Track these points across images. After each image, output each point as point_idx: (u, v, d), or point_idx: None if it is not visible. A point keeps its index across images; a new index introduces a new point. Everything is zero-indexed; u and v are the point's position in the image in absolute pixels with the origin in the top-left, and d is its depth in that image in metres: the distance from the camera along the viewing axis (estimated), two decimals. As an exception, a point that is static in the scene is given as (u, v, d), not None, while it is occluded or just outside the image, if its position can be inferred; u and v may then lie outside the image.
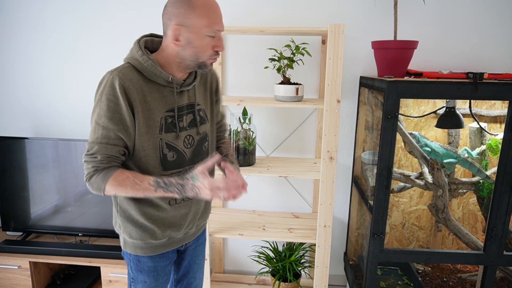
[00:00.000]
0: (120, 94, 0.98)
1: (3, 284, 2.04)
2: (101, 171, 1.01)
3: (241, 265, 2.35)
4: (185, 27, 1.00)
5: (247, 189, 2.20)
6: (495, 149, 1.81)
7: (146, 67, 1.03)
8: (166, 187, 1.01)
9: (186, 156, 1.14)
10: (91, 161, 1.01)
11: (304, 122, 2.10)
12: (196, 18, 0.99)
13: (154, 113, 1.05)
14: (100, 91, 1.00)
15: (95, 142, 1.01)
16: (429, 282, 2.01)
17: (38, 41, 2.10)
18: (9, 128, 2.26)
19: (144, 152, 1.06)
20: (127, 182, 1.00)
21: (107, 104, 0.99)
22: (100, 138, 1.00)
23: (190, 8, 0.98)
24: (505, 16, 1.85)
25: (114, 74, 0.99)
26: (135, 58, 1.04)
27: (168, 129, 1.08)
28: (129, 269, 1.23)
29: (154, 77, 1.04)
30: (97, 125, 1.01)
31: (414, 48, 1.66)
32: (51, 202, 2.09)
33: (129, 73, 1.01)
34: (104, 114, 0.99)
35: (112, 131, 1.00)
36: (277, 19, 1.97)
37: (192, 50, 1.03)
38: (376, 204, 1.56)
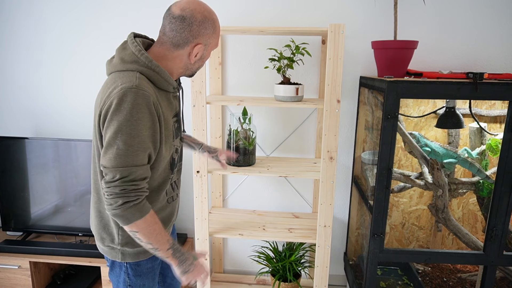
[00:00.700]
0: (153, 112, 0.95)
1: (3, 284, 2.04)
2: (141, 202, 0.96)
3: (241, 265, 2.35)
4: (205, 46, 1.05)
5: (247, 188, 2.21)
6: (495, 149, 1.81)
7: (161, 77, 1.01)
8: (175, 252, 1.04)
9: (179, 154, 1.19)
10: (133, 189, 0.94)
11: (304, 122, 2.10)
12: (214, 39, 1.07)
13: (168, 122, 1.05)
14: (128, 109, 0.91)
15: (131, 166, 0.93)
16: (429, 282, 2.01)
17: (38, 41, 2.10)
18: (9, 128, 2.27)
19: (162, 162, 1.06)
20: (156, 227, 1.00)
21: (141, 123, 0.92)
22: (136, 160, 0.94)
23: (214, 31, 1.05)
24: (505, 16, 1.85)
25: (142, 90, 0.93)
26: (148, 67, 0.99)
27: (176, 135, 1.12)
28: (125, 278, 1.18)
29: (166, 85, 1.04)
30: (129, 147, 0.92)
31: (414, 48, 1.66)
32: (51, 202, 2.09)
33: (148, 85, 0.97)
34: (138, 134, 0.92)
35: (146, 150, 0.96)
36: (277, 19, 1.97)
37: (200, 63, 1.10)
38: (376, 204, 1.56)
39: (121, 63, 0.99)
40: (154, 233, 0.99)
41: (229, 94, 2.11)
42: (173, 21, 1.00)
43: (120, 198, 0.92)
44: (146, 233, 0.98)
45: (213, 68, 2.03)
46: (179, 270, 1.06)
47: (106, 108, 0.93)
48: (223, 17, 1.98)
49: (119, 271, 1.18)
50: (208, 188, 2.20)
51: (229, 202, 2.27)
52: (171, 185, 1.18)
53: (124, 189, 0.93)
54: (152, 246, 1.01)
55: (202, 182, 1.80)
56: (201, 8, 1.01)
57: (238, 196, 2.25)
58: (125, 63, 0.99)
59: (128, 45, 1.01)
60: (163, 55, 1.04)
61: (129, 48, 1.01)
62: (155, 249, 1.02)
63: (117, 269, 1.18)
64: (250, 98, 1.91)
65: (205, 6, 1.03)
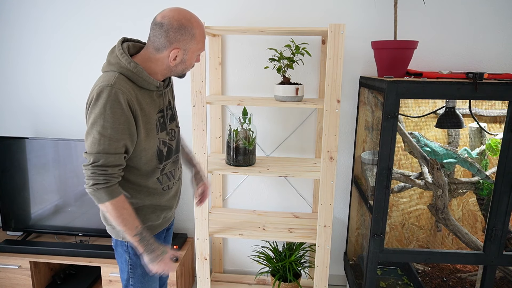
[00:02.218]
0: (125, 107, 1.07)
1: (3, 284, 2.04)
2: (111, 186, 1.09)
3: (241, 265, 2.36)
4: (183, 50, 1.14)
5: (247, 188, 2.21)
6: (494, 149, 1.81)
7: (140, 77, 1.12)
8: (143, 239, 1.15)
9: (172, 148, 1.28)
10: (101, 173, 1.07)
11: (304, 122, 2.10)
12: (194, 45, 1.15)
13: (150, 117, 1.16)
14: (102, 104, 1.05)
15: (101, 153, 1.06)
16: (429, 282, 2.01)
17: (39, 41, 2.10)
18: (9, 128, 2.27)
19: (144, 152, 1.18)
20: (124, 212, 1.12)
21: (112, 117, 1.05)
22: (107, 148, 1.06)
23: (192, 37, 1.13)
24: (504, 16, 1.85)
25: (116, 88, 1.05)
26: (127, 68, 1.10)
27: (162, 129, 1.22)
28: (126, 257, 1.29)
29: (146, 84, 1.14)
30: (102, 136, 1.05)
31: (414, 48, 1.66)
32: (51, 202, 2.09)
33: (126, 84, 1.09)
34: (110, 126, 1.05)
35: (119, 141, 1.08)
36: (277, 19, 1.97)
37: (183, 66, 1.19)
38: (376, 204, 1.56)
39: (107, 65, 1.13)
40: (121, 217, 1.11)
41: (229, 94, 2.11)
42: (154, 28, 1.12)
43: (91, 179, 1.07)
44: (113, 215, 1.10)
45: (213, 68, 2.03)
46: (146, 258, 1.17)
47: (88, 103, 1.09)
48: (223, 17, 1.99)
49: (121, 251, 1.28)
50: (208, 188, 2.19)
51: (229, 202, 2.27)
52: (166, 175, 1.27)
53: (94, 172, 1.06)
54: (120, 228, 1.13)
55: (202, 182, 1.80)
56: (180, 16, 1.10)
57: (238, 196, 2.25)
58: (109, 64, 1.13)
59: (115, 49, 1.14)
60: (147, 57, 1.15)
61: (115, 52, 1.13)
62: (122, 231, 1.14)
63: (119, 249, 1.28)
64: (250, 98, 1.91)
65: (185, 14, 1.12)
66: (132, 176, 1.20)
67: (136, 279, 1.31)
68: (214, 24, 1.99)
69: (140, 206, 1.24)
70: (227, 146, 1.88)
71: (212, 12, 1.99)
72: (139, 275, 1.30)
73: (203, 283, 1.97)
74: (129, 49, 1.18)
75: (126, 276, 1.31)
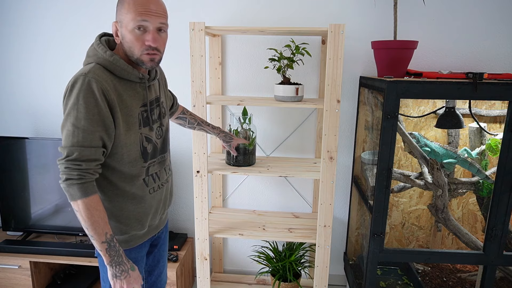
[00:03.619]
0: (99, 96, 0.99)
1: (3, 284, 2.04)
2: (84, 183, 1.00)
3: (241, 265, 2.36)
4: (119, 22, 1.04)
5: (247, 188, 2.21)
6: (494, 149, 1.81)
7: (118, 66, 1.04)
8: (110, 248, 1.04)
9: (158, 146, 1.20)
10: (75, 168, 0.99)
11: (304, 122, 2.10)
12: (125, 14, 1.02)
13: (131, 110, 1.08)
14: (75, 94, 0.98)
15: (75, 146, 0.99)
16: (429, 282, 2.01)
17: (39, 41, 2.10)
18: (9, 128, 2.27)
19: (126, 148, 1.09)
20: (95, 214, 1.01)
21: (85, 107, 0.98)
22: (81, 141, 0.99)
23: (122, 4, 1.02)
24: (504, 16, 1.85)
25: (90, 77, 0.98)
26: (104, 58, 1.04)
27: (145, 123, 1.13)
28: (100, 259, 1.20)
29: (126, 75, 1.07)
30: (75, 128, 0.98)
31: (414, 48, 1.66)
32: (51, 202, 2.09)
33: (102, 74, 1.02)
34: (83, 117, 0.98)
35: (94, 133, 1.00)
36: (277, 19, 1.97)
37: (126, 45, 1.05)
38: (376, 204, 1.56)
39: (86, 58, 1.08)
40: (91, 219, 1.00)
41: (229, 94, 2.11)
42: None
43: (64, 174, 0.99)
44: (84, 216, 1.00)
45: (213, 68, 2.03)
46: (110, 271, 1.06)
47: (63, 95, 1.03)
48: (223, 17, 1.99)
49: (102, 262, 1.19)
50: (208, 188, 2.20)
51: (229, 202, 2.27)
52: (151, 176, 1.18)
53: (68, 167, 0.99)
54: (89, 232, 1.02)
55: (202, 182, 1.80)
56: None
57: (238, 196, 2.25)
58: (88, 57, 1.07)
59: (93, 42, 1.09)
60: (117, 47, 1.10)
61: (93, 45, 1.08)
62: (91, 236, 1.03)
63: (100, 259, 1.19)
64: (250, 98, 1.91)
65: None
66: (115, 178, 1.11)
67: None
68: (214, 24, 1.99)
69: (122, 212, 1.14)
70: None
71: (212, 12, 1.99)
72: None
73: (203, 283, 1.97)
74: (109, 42, 1.11)
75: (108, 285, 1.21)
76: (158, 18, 1.03)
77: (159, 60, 1.09)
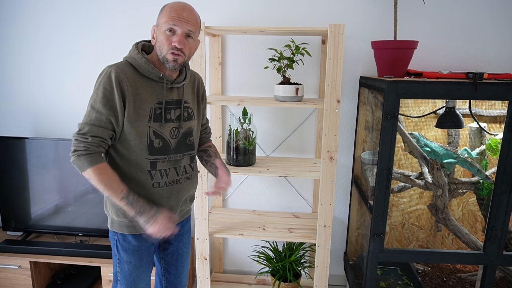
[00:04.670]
0: (115, 84, 1.13)
1: (3, 284, 2.04)
2: (90, 154, 1.12)
3: (241, 265, 2.36)
4: (157, 26, 1.20)
5: (247, 188, 2.21)
6: (494, 149, 1.81)
7: (140, 64, 1.19)
8: (129, 202, 1.16)
9: (171, 145, 1.26)
10: (82, 141, 1.12)
11: (304, 122, 2.10)
12: (161, 18, 1.18)
13: (145, 104, 1.19)
14: (99, 81, 1.15)
15: (87, 123, 1.13)
16: (429, 282, 2.01)
17: (39, 41, 2.10)
18: (9, 128, 2.27)
19: (133, 137, 1.19)
20: (105, 178, 1.14)
21: (103, 92, 1.13)
22: (93, 120, 1.13)
23: (161, 10, 1.19)
24: (504, 16, 1.85)
25: (112, 68, 1.15)
26: (132, 57, 1.20)
27: (156, 119, 1.22)
28: (114, 250, 1.32)
29: (147, 73, 1.19)
30: (92, 109, 1.14)
31: (414, 48, 1.66)
32: (51, 202, 2.09)
33: (125, 68, 1.17)
34: (99, 101, 1.13)
35: (104, 115, 1.13)
36: (277, 19, 1.97)
37: (157, 44, 1.19)
38: (376, 204, 1.56)
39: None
40: (103, 182, 1.13)
41: (229, 94, 2.11)
42: None
43: (73, 146, 1.13)
44: (96, 181, 1.13)
45: (213, 68, 2.03)
46: (140, 220, 1.18)
47: None
48: (223, 17, 1.99)
49: (113, 242, 1.32)
50: (208, 188, 2.20)
51: (229, 202, 2.27)
52: (159, 172, 1.25)
53: (77, 139, 1.13)
54: (106, 193, 1.16)
55: (202, 182, 1.80)
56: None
57: (238, 196, 2.25)
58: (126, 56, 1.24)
59: None
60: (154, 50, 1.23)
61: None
62: (109, 196, 1.16)
63: (111, 240, 1.32)
64: (250, 98, 1.91)
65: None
66: (123, 163, 1.22)
67: (123, 275, 1.31)
68: (214, 24, 1.99)
69: None
70: (227, 146, 1.88)
71: (212, 12, 1.99)
72: (126, 272, 1.31)
73: (203, 283, 1.97)
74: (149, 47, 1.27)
75: (115, 270, 1.33)
76: (187, 25, 1.16)
77: (182, 62, 1.20)
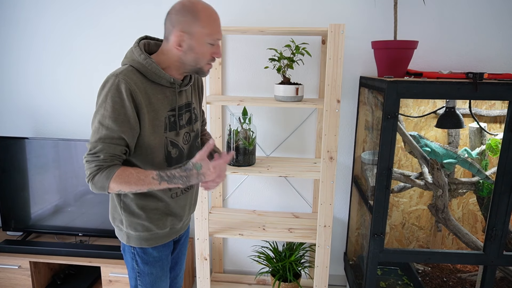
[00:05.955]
0: (126, 97, 1.02)
1: (3, 284, 2.04)
2: (104, 169, 1.02)
3: (241, 265, 2.36)
4: (188, 34, 1.06)
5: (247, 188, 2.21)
6: (495, 149, 1.81)
7: (149, 70, 1.08)
8: (169, 179, 1.06)
9: (184, 152, 1.21)
10: (93, 160, 1.02)
11: (304, 122, 2.10)
12: (200, 27, 1.06)
13: (159, 113, 1.10)
14: (105, 93, 1.02)
15: (97, 142, 1.02)
16: (429, 282, 2.01)
17: (38, 41, 2.10)
18: (9, 128, 2.27)
19: (150, 150, 1.11)
20: (131, 179, 1.03)
21: (112, 106, 1.01)
22: (103, 138, 1.02)
23: (195, 17, 1.05)
24: (504, 16, 1.85)
25: (120, 77, 1.02)
26: (138, 61, 1.07)
27: (171, 128, 1.15)
28: (133, 264, 1.24)
29: (158, 78, 1.09)
30: (101, 125, 1.02)
31: (414, 48, 1.66)
32: (51, 202, 2.09)
33: (133, 76, 1.05)
34: (108, 116, 1.02)
35: (116, 132, 1.03)
36: (277, 19, 1.97)
37: (193, 56, 1.09)
38: (376, 204, 1.56)
39: (123, 60, 1.12)
40: (131, 185, 1.03)
41: (229, 94, 2.11)
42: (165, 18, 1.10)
43: (87, 170, 1.04)
44: (125, 189, 1.04)
45: (213, 68, 2.03)
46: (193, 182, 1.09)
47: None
48: (223, 17, 1.98)
49: (129, 258, 1.24)
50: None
51: (229, 202, 2.27)
52: None
53: (88, 160, 1.03)
54: (144, 189, 1.06)
55: (202, 182, 1.80)
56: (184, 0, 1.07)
57: (238, 196, 2.25)
58: (124, 58, 1.11)
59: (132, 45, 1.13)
60: (160, 50, 1.12)
61: (131, 48, 1.12)
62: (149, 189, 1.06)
63: (127, 255, 1.24)
64: (250, 98, 1.91)
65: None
66: None
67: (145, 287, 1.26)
68: (214, 24, 1.99)
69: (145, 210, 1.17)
70: (227, 146, 1.87)
71: (212, 12, 1.99)
72: (148, 283, 1.25)
73: (203, 283, 1.97)
74: (149, 46, 1.15)
75: (134, 283, 1.27)
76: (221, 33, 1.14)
77: None
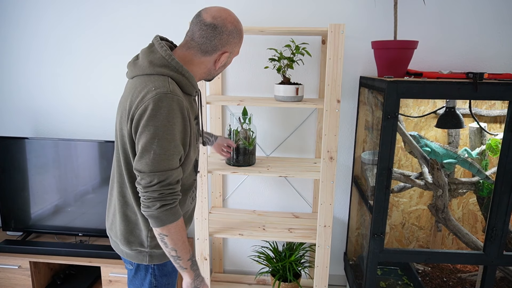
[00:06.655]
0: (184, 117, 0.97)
1: (3, 284, 2.04)
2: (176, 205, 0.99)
3: (241, 265, 2.36)
4: (230, 53, 1.09)
5: (247, 188, 2.21)
6: (495, 149, 1.81)
7: (189, 82, 1.03)
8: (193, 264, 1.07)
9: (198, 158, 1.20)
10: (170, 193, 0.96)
11: (304, 122, 2.10)
12: (238, 47, 1.11)
13: (193, 125, 1.06)
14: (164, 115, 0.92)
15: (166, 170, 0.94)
16: (429, 282, 2.01)
17: (38, 41, 2.10)
18: (9, 128, 2.27)
19: (189, 160, 1.08)
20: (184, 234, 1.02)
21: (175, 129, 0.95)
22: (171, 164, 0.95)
23: (240, 40, 1.09)
24: (504, 16, 1.85)
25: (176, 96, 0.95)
26: (179, 72, 1.00)
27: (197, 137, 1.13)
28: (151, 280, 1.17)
29: (191, 89, 1.05)
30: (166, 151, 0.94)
31: (414, 48, 1.66)
32: (51, 202, 2.09)
33: (177, 90, 0.98)
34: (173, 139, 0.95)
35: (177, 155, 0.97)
36: (277, 19, 1.97)
37: (221, 69, 1.13)
38: (376, 204, 1.56)
39: (150, 66, 0.99)
40: (181, 239, 1.00)
41: (229, 94, 2.11)
42: (204, 28, 1.01)
43: (158, 201, 0.94)
44: (174, 238, 0.99)
45: (213, 68, 2.03)
46: (192, 285, 1.07)
47: (140, 113, 0.94)
48: (223, 17, 1.98)
49: (144, 274, 1.16)
50: (208, 188, 2.20)
51: (229, 202, 2.27)
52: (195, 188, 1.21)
53: (162, 193, 0.95)
54: (176, 253, 1.01)
55: (202, 182, 1.80)
56: (232, 18, 1.05)
57: (238, 196, 2.25)
58: (154, 66, 0.99)
59: (156, 48, 1.01)
60: (189, 59, 1.05)
61: (157, 52, 1.00)
62: (177, 257, 1.02)
63: (142, 273, 1.16)
64: (250, 98, 1.91)
65: (234, 16, 1.07)
66: None
67: None
68: (214, 24, 1.99)
69: None
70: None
71: (212, 12, 1.99)
72: None
73: (203, 283, 1.96)
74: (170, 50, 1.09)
75: None
76: None
77: None
